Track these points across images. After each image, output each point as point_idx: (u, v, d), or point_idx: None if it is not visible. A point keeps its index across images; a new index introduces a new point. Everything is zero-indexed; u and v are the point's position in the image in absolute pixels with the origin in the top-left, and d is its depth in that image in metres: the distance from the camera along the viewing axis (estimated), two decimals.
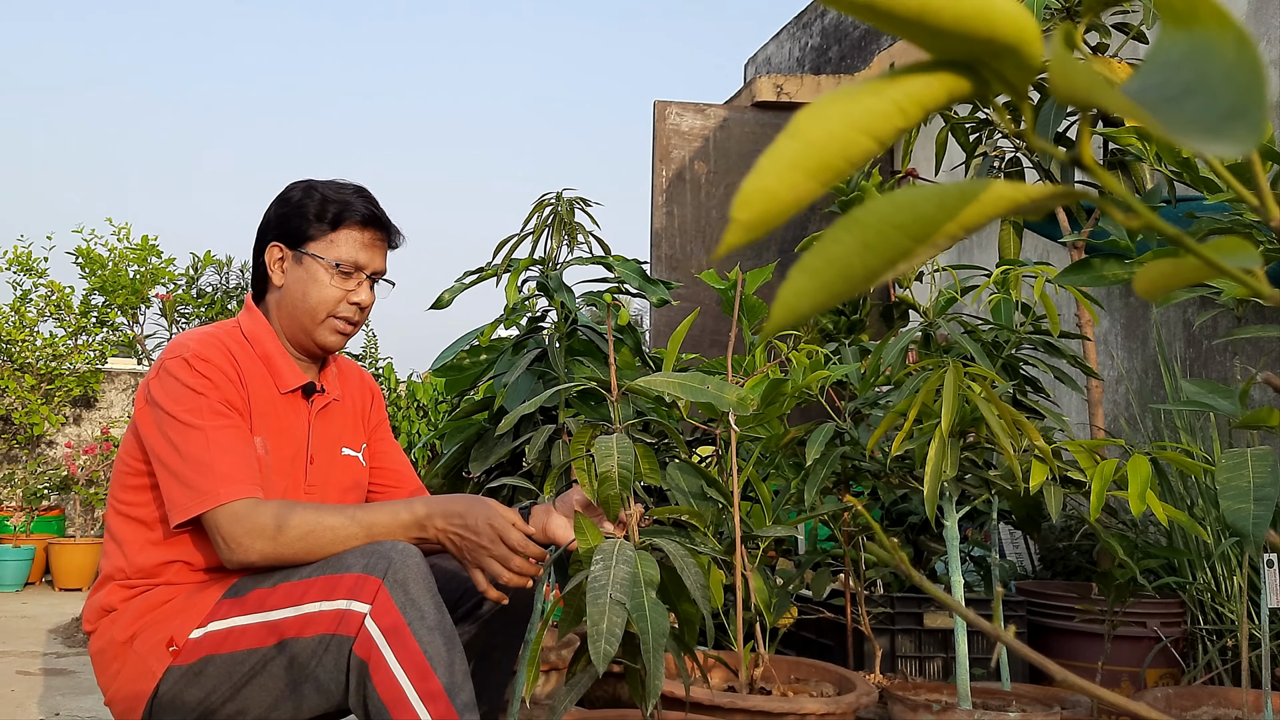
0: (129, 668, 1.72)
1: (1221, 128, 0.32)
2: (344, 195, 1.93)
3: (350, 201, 1.92)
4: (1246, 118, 0.32)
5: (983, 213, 0.41)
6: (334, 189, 1.94)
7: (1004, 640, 0.58)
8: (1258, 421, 1.12)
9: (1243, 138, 0.31)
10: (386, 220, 1.97)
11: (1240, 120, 0.32)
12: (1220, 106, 0.33)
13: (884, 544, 0.62)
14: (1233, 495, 1.29)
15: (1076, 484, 2.04)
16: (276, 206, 1.95)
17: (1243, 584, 2.32)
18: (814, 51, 7.54)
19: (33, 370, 6.84)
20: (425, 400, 6.81)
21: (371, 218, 1.93)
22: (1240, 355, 3.64)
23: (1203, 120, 0.33)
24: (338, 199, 1.92)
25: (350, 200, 1.92)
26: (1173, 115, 0.33)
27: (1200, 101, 0.33)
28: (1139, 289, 0.48)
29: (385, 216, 1.97)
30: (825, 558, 2.73)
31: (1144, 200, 2.27)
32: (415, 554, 1.61)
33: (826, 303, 0.41)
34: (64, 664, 3.89)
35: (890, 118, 0.40)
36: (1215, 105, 0.33)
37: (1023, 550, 3.81)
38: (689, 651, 1.56)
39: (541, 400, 1.85)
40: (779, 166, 0.39)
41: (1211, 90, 0.34)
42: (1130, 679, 2.66)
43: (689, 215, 5.97)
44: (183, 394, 1.74)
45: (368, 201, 1.94)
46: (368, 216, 1.92)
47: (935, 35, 0.39)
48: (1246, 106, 0.32)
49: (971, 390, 1.82)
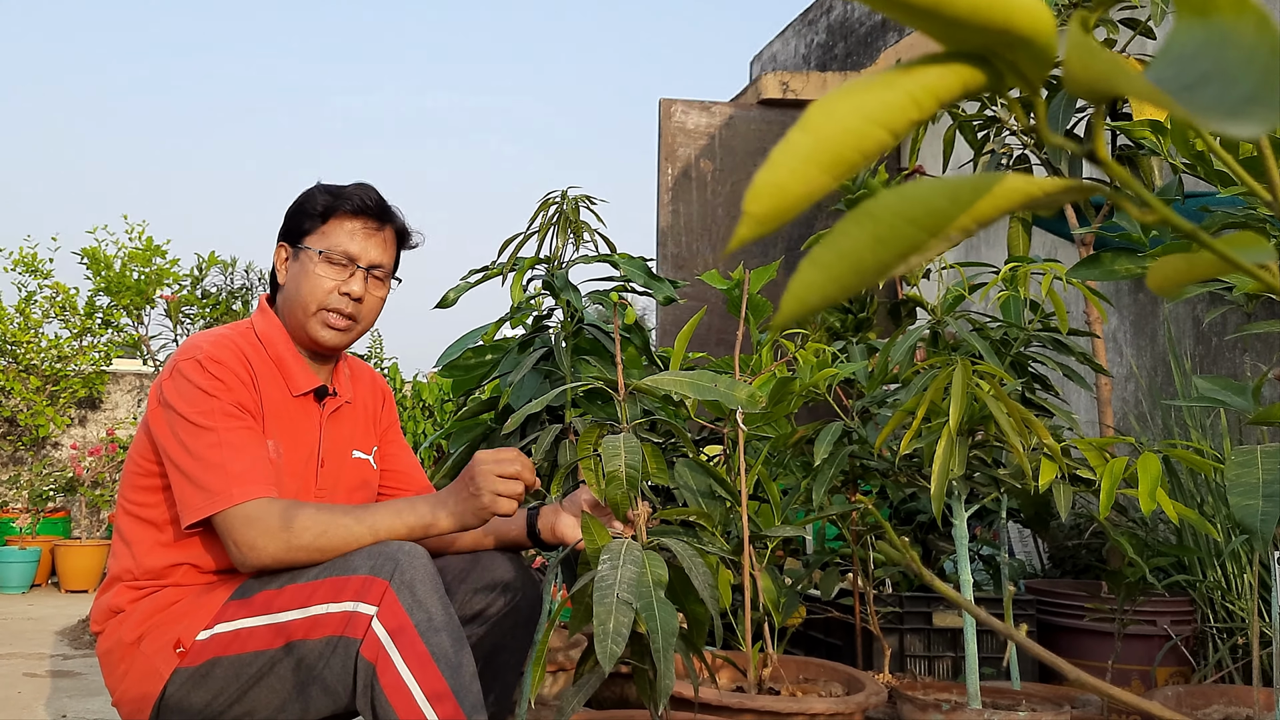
0: (136, 669, 1.72)
1: (1242, 109, 0.32)
2: (341, 189, 1.93)
3: (345, 193, 1.91)
4: (1266, 99, 0.31)
5: (995, 206, 0.41)
6: (336, 186, 1.94)
7: (1016, 639, 0.58)
8: (1271, 418, 1.12)
9: (1263, 118, 0.31)
10: (383, 209, 1.94)
11: (1260, 102, 0.31)
12: (1240, 90, 0.32)
13: (894, 543, 0.61)
14: (1242, 492, 1.28)
15: (1086, 482, 2.03)
16: (288, 209, 1.96)
17: (1253, 582, 2.31)
18: (820, 48, 7.53)
19: (38, 372, 6.86)
20: (430, 400, 6.81)
21: (364, 207, 1.91)
22: (1250, 352, 3.62)
23: (1223, 103, 0.32)
24: (334, 192, 1.92)
25: (345, 191, 1.92)
26: (1192, 100, 0.33)
27: (1219, 87, 0.33)
28: (1152, 285, 0.47)
29: (382, 206, 1.94)
30: (833, 557, 2.73)
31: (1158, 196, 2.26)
32: (423, 555, 1.60)
33: (836, 296, 0.40)
34: (70, 666, 3.89)
35: (904, 109, 0.39)
36: (1235, 90, 0.32)
37: (1031, 549, 3.80)
38: (697, 652, 1.55)
39: (548, 399, 1.84)
40: (792, 160, 0.38)
41: (1230, 76, 0.33)
42: (1141, 677, 2.64)
43: (695, 213, 5.96)
44: (195, 395, 1.74)
45: (364, 192, 1.92)
46: (360, 206, 1.90)
47: (951, 26, 0.38)
48: (1266, 88, 0.32)
49: (980, 388, 1.81)
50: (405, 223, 2.01)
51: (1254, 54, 0.33)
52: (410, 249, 2.04)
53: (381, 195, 1.96)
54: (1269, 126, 0.31)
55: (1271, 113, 0.31)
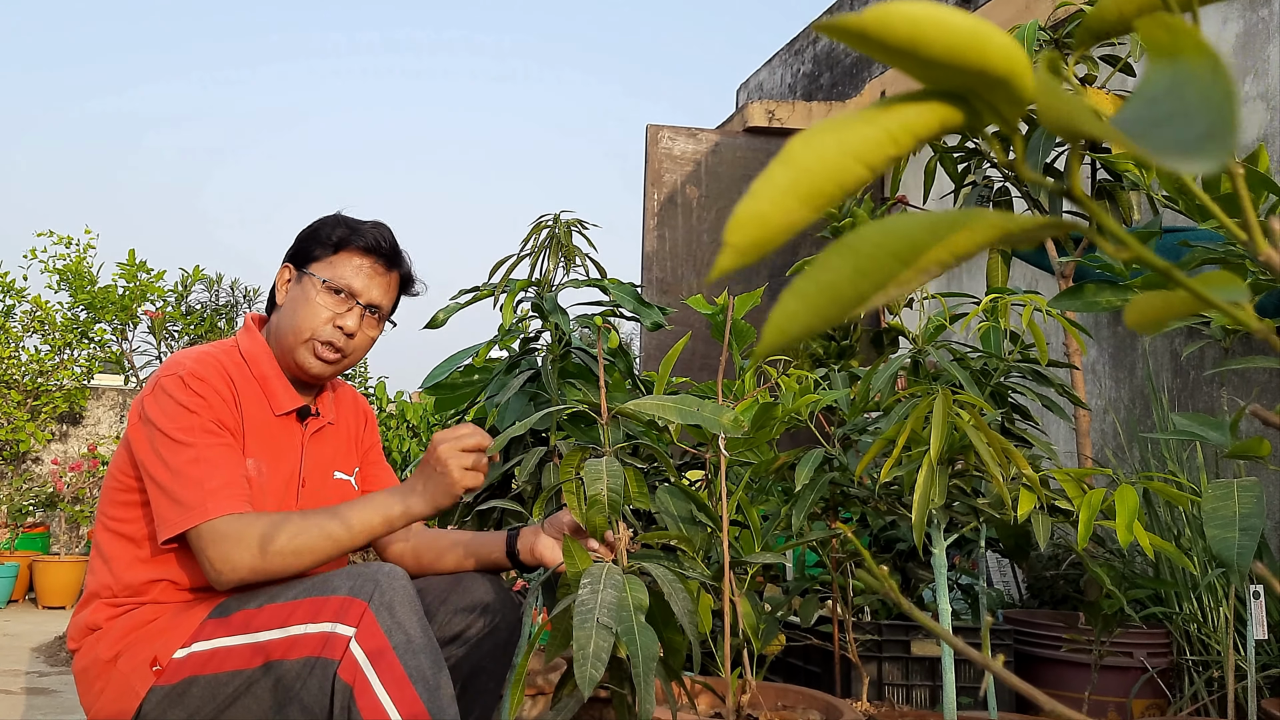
0: (112, 687, 1.71)
1: (1196, 146, 0.33)
2: (358, 224, 1.94)
3: (360, 228, 1.93)
4: (1218, 137, 0.33)
5: (974, 240, 0.42)
6: (355, 219, 1.95)
7: (993, 670, 0.58)
8: (1248, 451, 1.13)
9: (1214, 153, 0.33)
10: (394, 253, 1.96)
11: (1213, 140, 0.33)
12: (1196, 129, 0.34)
13: (873, 571, 0.62)
14: (1219, 524, 1.29)
15: (1064, 513, 2.04)
16: (302, 232, 1.96)
17: (1229, 615, 2.32)
18: (806, 78, 7.58)
19: (18, 386, 6.82)
20: (415, 420, 6.79)
21: (376, 246, 1.93)
22: (1228, 386, 3.65)
23: (1180, 142, 0.34)
24: (350, 225, 1.93)
25: (360, 228, 1.93)
26: (1153, 140, 0.34)
27: (1178, 126, 0.34)
28: (1130, 321, 0.48)
29: (394, 249, 1.96)
30: (813, 584, 2.73)
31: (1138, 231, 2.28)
32: (402, 576, 1.60)
33: (817, 326, 0.41)
34: (46, 683, 3.86)
35: (883, 146, 0.40)
36: (1191, 128, 0.34)
37: (1009, 578, 3.81)
38: (676, 677, 1.55)
39: (531, 422, 1.85)
40: (772, 192, 0.39)
41: (1188, 115, 0.35)
42: (1117, 709, 2.65)
43: (680, 239, 5.98)
44: (176, 411, 1.74)
45: (379, 232, 1.94)
46: (372, 244, 1.92)
47: (927, 66, 0.40)
48: (1219, 128, 0.33)
49: (960, 417, 1.82)
50: (412, 270, 2.03)
51: (1209, 94, 0.34)
52: (411, 296, 2.06)
53: (395, 239, 1.97)
54: (1219, 163, 0.32)
55: (1223, 150, 0.32)
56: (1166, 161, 0.33)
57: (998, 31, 0.39)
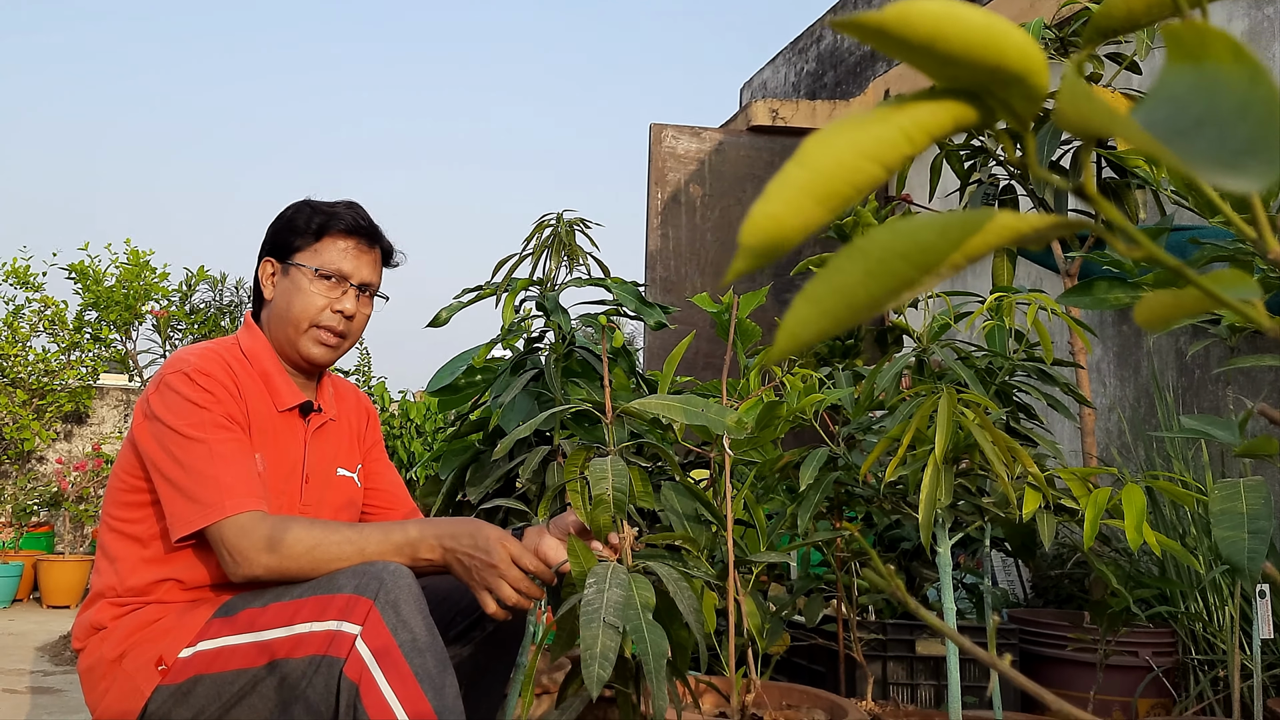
0: (118, 686, 1.71)
1: (1238, 162, 0.32)
2: (332, 207, 1.95)
3: (336, 212, 1.94)
4: (1264, 153, 0.32)
5: (986, 242, 0.41)
6: (324, 203, 1.97)
7: (1000, 669, 0.58)
8: (1257, 450, 1.13)
9: (1261, 173, 0.31)
10: (374, 230, 1.98)
11: (1257, 155, 0.32)
12: (1235, 141, 0.33)
13: (879, 570, 0.62)
14: (1228, 525, 1.28)
15: (1069, 512, 2.04)
16: (271, 224, 1.97)
17: (1234, 614, 2.32)
18: (809, 76, 7.58)
19: (24, 385, 6.82)
20: (418, 419, 6.79)
21: (356, 227, 1.94)
22: (1233, 385, 3.65)
23: (1219, 154, 0.33)
24: (325, 210, 1.94)
25: (337, 211, 1.94)
26: (1187, 147, 0.34)
27: (1214, 135, 0.33)
28: (1139, 319, 0.48)
29: (373, 227, 1.98)
30: (818, 583, 2.72)
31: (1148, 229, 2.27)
32: (407, 575, 1.60)
33: (830, 330, 0.41)
34: (51, 682, 3.86)
35: (898, 145, 0.40)
36: (1230, 139, 0.33)
37: (1015, 578, 3.81)
38: (681, 676, 1.55)
39: (537, 423, 1.85)
40: (788, 193, 0.39)
41: (1224, 124, 0.33)
42: (1122, 709, 2.65)
43: (684, 238, 5.98)
44: (185, 408, 1.74)
45: (355, 212, 1.96)
46: (352, 225, 1.93)
47: (945, 63, 0.39)
48: (1263, 141, 0.32)
49: (965, 416, 1.82)
50: (390, 243, 2.04)
51: (1248, 104, 0.33)
52: (392, 268, 2.06)
53: (370, 215, 1.98)
54: (1267, 181, 0.31)
55: (1269, 167, 0.31)
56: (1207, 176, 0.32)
57: (1015, 29, 0.38)
